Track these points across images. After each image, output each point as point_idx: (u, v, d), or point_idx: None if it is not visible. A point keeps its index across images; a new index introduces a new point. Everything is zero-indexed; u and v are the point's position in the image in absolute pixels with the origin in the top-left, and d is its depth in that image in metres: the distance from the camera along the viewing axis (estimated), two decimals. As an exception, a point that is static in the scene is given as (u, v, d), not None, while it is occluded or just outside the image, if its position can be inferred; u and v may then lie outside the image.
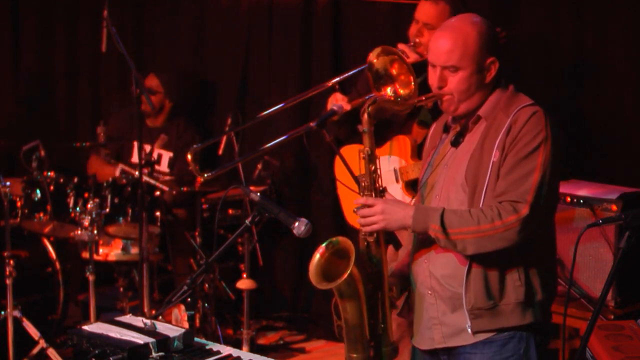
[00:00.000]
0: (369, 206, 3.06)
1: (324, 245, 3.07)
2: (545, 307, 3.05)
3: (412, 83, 3.21)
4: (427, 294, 3.09)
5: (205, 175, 4.39)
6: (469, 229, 2.91)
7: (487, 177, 2.96)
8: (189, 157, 4.43)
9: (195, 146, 4.59)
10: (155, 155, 5.88)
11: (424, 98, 3.10)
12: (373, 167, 3.12)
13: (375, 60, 3.26)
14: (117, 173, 5.33)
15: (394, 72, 3.26)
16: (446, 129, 3.20)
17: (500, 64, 3.04)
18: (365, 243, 3.12)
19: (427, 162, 3.25)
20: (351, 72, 4.44)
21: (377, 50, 3.30)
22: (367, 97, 3.23)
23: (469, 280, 2.97)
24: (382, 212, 3.03)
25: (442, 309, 3.06)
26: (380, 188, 3.13)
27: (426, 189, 3.18)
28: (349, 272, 2.94)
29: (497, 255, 2.94)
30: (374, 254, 3.11)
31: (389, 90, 3.25)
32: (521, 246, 2.93)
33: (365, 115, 3.08)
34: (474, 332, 3.01)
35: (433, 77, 3.06)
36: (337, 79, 4.48)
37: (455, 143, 3.11)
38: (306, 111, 5.65)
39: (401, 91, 3.25)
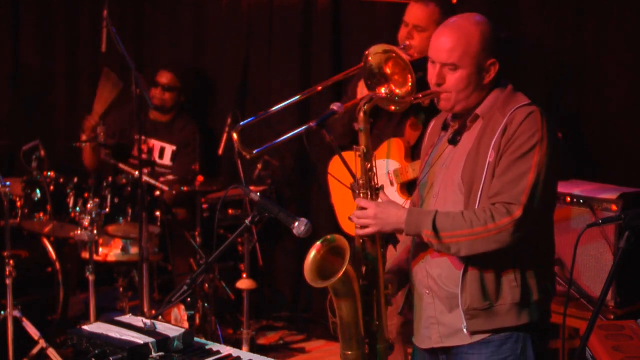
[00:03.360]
0: (363, 209, 3.06)
1: (319, 242, 3.07)
2: (542, 307, 3.04)
3: (410, 83, 3.20)
4: (425, 293, 3.10)
5: (254, 152, 4.27)
6: (462, 232, 2.90)
7: (483, 177, 2.94)
8: (235, 135, 4.32)
9: (240, 124, 4.46)
10: (158, 150, 5.88)
11: (420, 96, 3.09)
12: (369, 165, 3.10)
13: (370, 58, 3.25)
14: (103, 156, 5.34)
15: (388, 71, 3.24)
16: (445, 127, 3.19)
17: (500, 65, 3.03)
18: (361, 241, 3.11)
19: (424, 161, 3.24)
20: (348, 72, 4.41)
21: (374, 48, 3.28)
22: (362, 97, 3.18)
23: (465, 281, 2.97)
24: (375, 217, 3.03)
25: (440, 308, 3.06)
26: (376, 186, 3.11)
27: (425, 188, 3.17)
28: (344, 270, 2.93)
29: (493, 256, 2.93)
30: (369, 251, 3.11)
31: (383, 91, 3.24)
32: (517, 247, 2.92)
33: (362, 114, 3.06)
34: (470, 333, 3.01)
35: (432, 74, 3.05)
36: (335, 79, 4.45)
37: (453, 141, 3.09)
38: (307, 112, 5.65)
39: (397, 91, 3.24)
